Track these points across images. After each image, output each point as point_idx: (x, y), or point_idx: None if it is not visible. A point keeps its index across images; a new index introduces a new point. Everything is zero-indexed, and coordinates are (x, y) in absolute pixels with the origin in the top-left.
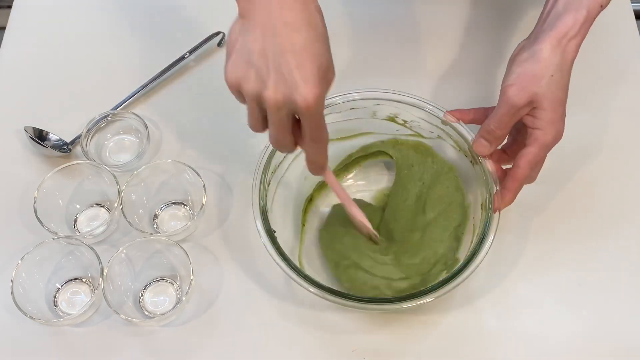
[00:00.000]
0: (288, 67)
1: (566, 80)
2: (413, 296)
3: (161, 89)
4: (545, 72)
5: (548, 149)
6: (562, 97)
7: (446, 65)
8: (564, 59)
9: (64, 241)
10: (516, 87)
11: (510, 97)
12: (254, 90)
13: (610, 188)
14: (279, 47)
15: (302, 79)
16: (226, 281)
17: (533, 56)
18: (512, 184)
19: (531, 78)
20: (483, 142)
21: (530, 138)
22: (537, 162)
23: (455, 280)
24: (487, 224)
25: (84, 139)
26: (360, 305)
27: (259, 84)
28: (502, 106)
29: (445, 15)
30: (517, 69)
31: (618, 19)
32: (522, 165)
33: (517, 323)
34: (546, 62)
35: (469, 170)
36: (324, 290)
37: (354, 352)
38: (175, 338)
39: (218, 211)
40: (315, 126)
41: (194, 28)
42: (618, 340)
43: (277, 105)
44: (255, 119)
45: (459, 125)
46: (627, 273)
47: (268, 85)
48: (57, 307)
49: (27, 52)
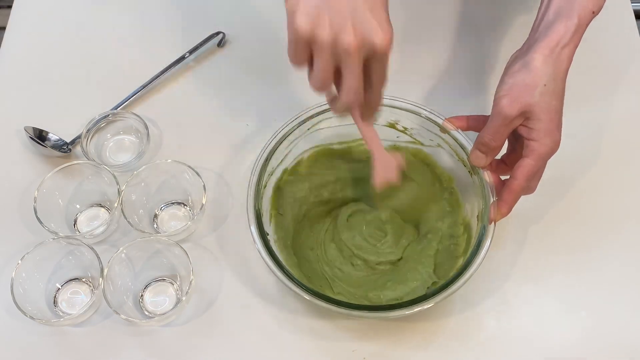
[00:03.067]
0: (363, 11)
1: (560, 89)
2: (409, 303)
3: (161, 89)
4: (538, 82)
5: (545, 160)
6: (556, 106)
7: (443, 68)
8: (557, 68)
9: (64, 241)
10: (508, 98)
11: (503, 109)
12: (330, 36)
13: (608, 194)
14: None
15: (378, 22)
16: (226, 281)
17: (525, 66)
18: (508, 196)
19: (524, 88)
20: (479, 153)
21: (527, 149)
22: (534, 173)
23: (449, 289)
24: (482, 235)
25: (84, 139)
26: (354, 312)
27: (335, 29)
28: (495, 118)
29: (445, 15)
30: (509, 80)
31: (618, 19)
32: (518, 176)
33: (516, 327)
34: (538, 72)
35: (467, 179)
36: (318, 297)
37: (353, 352)
38: (175, 338)
39: (218, 211)
40: (386, 67)
41: (194, 28)
42: (615, 344)
43: (357, 48)
44: (327, 70)
45: (458, 133)
46: (626, 278)
47: (346, 30)
48: (57, 307)
49: (27, 52)
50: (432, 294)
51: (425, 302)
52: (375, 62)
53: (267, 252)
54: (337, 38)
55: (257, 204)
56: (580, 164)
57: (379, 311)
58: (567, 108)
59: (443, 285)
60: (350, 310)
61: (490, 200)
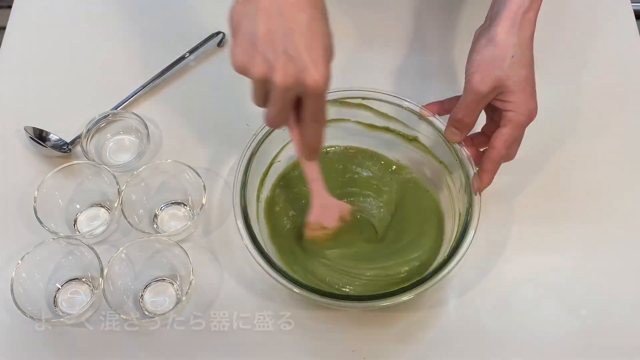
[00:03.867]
0: (296, 48)
1: (528, 57)
2: (404, 290)
3: (161, 89)
4: (505, 54)
5: (523, 127)
6: (527, 74)
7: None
8: (521, 37)
9: (64, 241)
10: (479, 74)
11: (475, 85)
12: (261, 74)
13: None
14: (286, 28)
15: (311, 60)
16: (226, 281)
17: (491, 41)
18: (488, 165)
19: (492, 63)
20: (454, 130)
21: (504, 119)
22: (512, 141)
23: (444, 270)
24: (468, 214)
25: (84, 139)
26: (348, 304)
27: (266, 68)
28: (467, 95)
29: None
30: (477, 56)
31: (618, 19)
32: (497, 145)
33: (513, 315)
34: (504, 44)
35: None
36: (308, 289)
37: (353, 352)
38: (175, 338)
39: (218, 211)
40: (321, 107)
41: (194, 28)
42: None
43: (286, 87)
44: (260, 99)
45: (435, 118)
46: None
47: (276, 69)
48: (57, 307)
49: (27, 52)
50: (427, 277)
51: (421, 286)
52: (309, 101)
53: (251, 240)
54: (268, 77)
55: (242, 201)
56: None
57: (367, 301)
58: (567, 106)
59: (428, 275)
60: (338, 301)
61: (471, 173)
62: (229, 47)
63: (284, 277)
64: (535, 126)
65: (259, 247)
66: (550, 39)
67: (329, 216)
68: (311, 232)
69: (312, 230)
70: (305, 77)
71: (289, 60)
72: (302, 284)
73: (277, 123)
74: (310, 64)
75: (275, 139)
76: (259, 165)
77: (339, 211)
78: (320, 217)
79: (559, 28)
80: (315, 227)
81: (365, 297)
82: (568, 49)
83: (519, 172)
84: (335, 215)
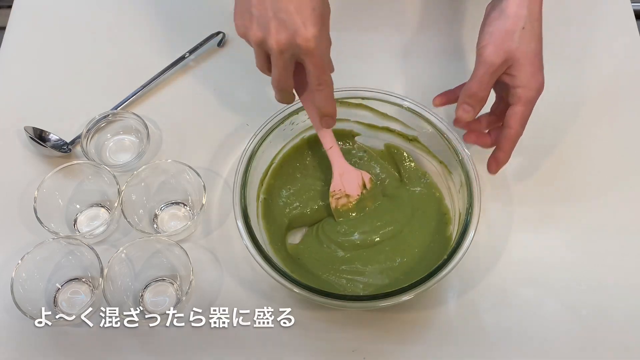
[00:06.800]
0: (286, 11)
1: (537, 30)
2: (404, 290)
3: (161, 89)
4: (516, 26)
5: (533, 103)
6: (536, 48)
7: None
8: (531, 9)
9: (64, 241)
10: (491, 46)
11: (487, 57)
12: (257, 37)
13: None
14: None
15: (301, 21)
16: (226, 281)
17: (502, 13)
18: (506, 144)
19: (504, 34)
20: (466, 107)
21: (514, 97)
22: (526, 119)
23: (444, 270)
24: (468, 214)
25: (84, 139)
26: (348, 304)
27: (261, 31)
28: (480, 67)
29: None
30: (489, 29)
31: (618, 19)
32: (513, 125)
33: (513, 315)
34: (515, 16)
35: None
36: (308, 289)
37: (353, 352)
38: (175, 338)
39: (218, 211)
40: (319, 66)
41: (194, 28)
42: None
43: (280, 49)
44: (261, 63)
45: (436, 118)
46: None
47: (270, 32)
48: (57, 307)
49: (27, 52)
50: (435, 270)
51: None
52: (307, 63)
53: (251, 240)
54: (264, 40)
55: (242, 202)
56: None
57: (369, 301)
58: (567, 106)
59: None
60: (338, 301)
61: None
62: (229, 47)
63: (284, 277)
64: (536, 126)
65: (259, 247)
66: (550, 38)
67: (350, 184)
68: (335, 200)
69: (336, 199)
70: (296, 38)
71: (280, 23)
72: (302, 284)
73: (282, 86)
74: (300, 25)
75: (276, 139)
76: (259, 165)
77: (358, 178)
78: (341, 185)
79: (559, 28)
80: (338, 195)
81: (365, 297)
82: (568, 48)
83: (520, 172)
84: (355, 183)
